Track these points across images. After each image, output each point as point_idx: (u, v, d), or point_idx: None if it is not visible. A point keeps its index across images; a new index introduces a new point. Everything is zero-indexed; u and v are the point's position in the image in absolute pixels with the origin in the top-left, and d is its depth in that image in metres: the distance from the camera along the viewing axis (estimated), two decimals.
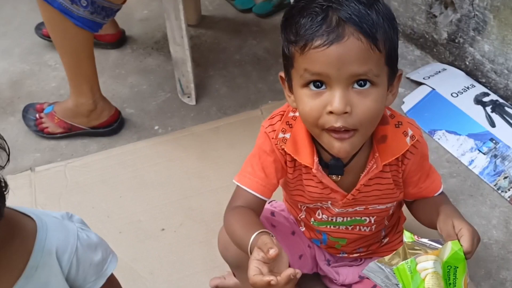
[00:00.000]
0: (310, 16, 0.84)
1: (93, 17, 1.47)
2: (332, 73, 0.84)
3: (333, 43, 0.82)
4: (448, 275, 0.89)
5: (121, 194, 1.52)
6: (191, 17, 2.02)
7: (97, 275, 0.97)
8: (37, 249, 0.89)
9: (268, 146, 1.04)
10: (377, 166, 0.99)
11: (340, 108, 0.85)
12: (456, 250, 0.88)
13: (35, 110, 1.71)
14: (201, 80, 1.82)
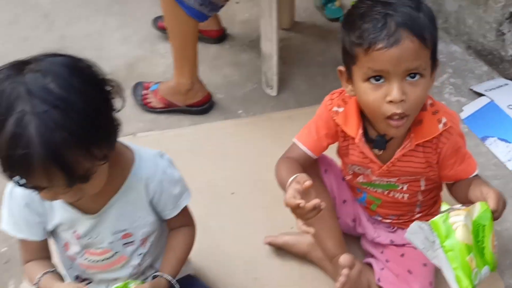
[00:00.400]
0: (372, 23, 1.06)
1: (200, 9, 1.75)
2: (391, 69, 1.06)
3: (392, 46, 1.03)
4: (477, 232, 1.03)
5: (203, 161, 1.79)
6: (285, 22, 2.28)
7: (173, 205, 1.20)
8: (132, 175, 1.13)
9: (325, 116, 1.28)
10: (411, 144, 1.19)
11: (398, 97, 1.06)
12: (484, 209, 1.04)
13: (143, 87, 2.04)
14: (284, 76, 2.06)
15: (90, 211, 1.13)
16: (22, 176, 0.91)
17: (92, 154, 0.93)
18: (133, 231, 1.17)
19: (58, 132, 0.87)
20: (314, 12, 2.39)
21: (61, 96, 0.88)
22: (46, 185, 0.93)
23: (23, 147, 0.86)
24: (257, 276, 1.47)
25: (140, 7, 2.57)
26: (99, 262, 1.20)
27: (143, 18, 2.46)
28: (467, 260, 1.01)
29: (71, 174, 0.91)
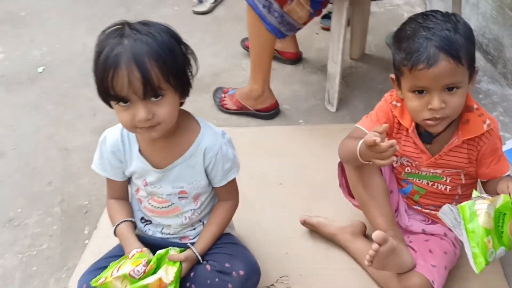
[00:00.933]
0: (415, 46, 1.27)
1: (279, 27, 2.06)
2: (431, 85, 1.29)
3: (431, 67, 1.25)
4: (498, 218, 1.25)
5: (260, 155, 2.07)
6: (356, 52, 2.56)
7: (222, 177, 1.45)
8: (196, 143, 1.39)
9: (385, 107, 1.49)
10: (458, 140, 1.39)
11: (438, 106, 1.29)
12: (506, 200, 1.26)
13: (222, 91, 2.38)
14: (345, 96, 2.32)
15: (158, 166, 1.40)
16: (110, 80, 1.18)
17: (167, 75, 1.21)
18: (188, 189, 1.44)
19: (144, 46, 1.19)
20: (384, 48, 2.64)
21: (152, 32, 1.22)
22: (125, 93, 1.19)
23: (116, 51, 1.18)
24: (288, 251, 1.69)
25: (232, 29, 2.96)
26: (158, 209, 1.48)
27: (233, 39, 2.84)
28: (485, 241, 1.23)
29: (147, 80, 1.18)
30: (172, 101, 1.26)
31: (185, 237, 1.53)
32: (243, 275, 1.40)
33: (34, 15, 3.39)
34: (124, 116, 1.25)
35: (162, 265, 1.39)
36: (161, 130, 1.29)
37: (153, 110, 1.23)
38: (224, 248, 1.48)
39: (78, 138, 2.32)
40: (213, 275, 1.41)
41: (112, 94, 1.21)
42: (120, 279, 1.32)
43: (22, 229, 1.89)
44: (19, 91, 2.68)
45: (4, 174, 2.15)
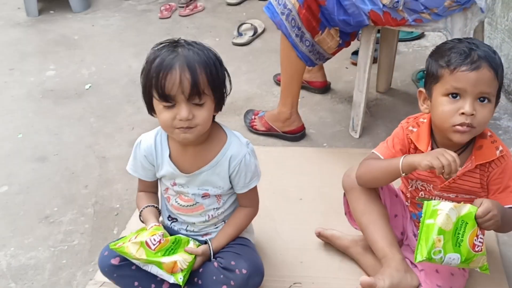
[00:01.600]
0: (459, 52, 1.37)
1: (309, 55, 2.21)
2: (469, 88, 1.36)
3: (473, 70, 1.34)
4: (460, 226, 1.31)
5: (283, 172, 2.18)
6: (382, 86, 2.68)
7: (244, 184, 1.57)
8: (222, 152, 1.53)
9: (401, 134, 1.56)
10: (472, 164, 1.45)
11: (470, 111, 1.36)
12: (471, 211, 1.31)
13: (253, 113, 2.52)
14: (369, 125, 2.42)
15: (186, 171, 1.54)
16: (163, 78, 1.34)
17: (210, 83, 1.38)
18: (212, 192, 1.57)
19: (196, 56, 1.37)
20: (409, 83, 2.75)
21: (202, 48, 1.41)
22: (174, 92, 1.35)
23: (172, 55, 1.37)
24: (302, 261, 1.78)
25: (268, 60, 3.13)
26: (184, 207, 1.60)
27: (267, 68, 3.01)
28: (434, 238, 1.29)
29: (195, 82, 1.34)
30: (210, 109, 1.42)
31: (207, 234, 1.65)
32: (246, 273, 1.49)
33: (86, 39, 3.66)
34: (166, 115, 1.40)
35: (178, 249, 1.50)
36: (196, 134, 1.43)
37: (194, 112, 1.39)
38: (233, 247, 1.58)
39: (115, 148, 2.48)
40: (218, 271, 1.51)
41: (160, 92, 1.36)
42: (136, 245, 1.44)
43: (57, 225, 2.04)
44: (66, 104, 2.89)
45: (45, 176, 2.32)
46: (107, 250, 1.54)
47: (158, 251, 1.46)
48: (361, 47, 2.24)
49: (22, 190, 2.24)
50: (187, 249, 1.53)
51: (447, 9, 1.92)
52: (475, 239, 1.32)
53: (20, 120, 2.76)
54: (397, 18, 1.98)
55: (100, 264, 1.56)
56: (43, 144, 2.54)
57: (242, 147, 1.54)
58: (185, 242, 1.54)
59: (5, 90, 3.06)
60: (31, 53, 3.49)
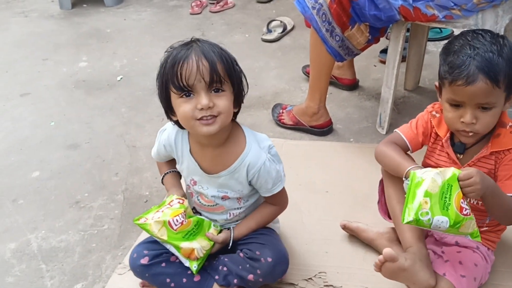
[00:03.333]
0: (458, 62, 1.36)
1: (339, 50, 2.23)
2: (466, 101, 1.39)
3: (468, 85, 1.34)
4: (446, 189, 1.32)
5: (310, 165, 2.20)
6: (409, 84, 2.68)
7: (266, 190, 1.55)
8: (240, 159, 1.49)
9: (425, 118, 1.59)
10: (487, 151, 1.47)
11: (469, 121, 1.39)
12: (455, 173, 1.33)
13: (281, 107, 2.54)
14: (396, 121, 2.43)
15: (206, 171, 1.53)
16: (179, 68, 1.32)
17: (228, 72, 1.37)
18: (231, 196, 1.57)
19: (210, 49, 1.37)
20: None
21: (216, 45, 1.40)
22: (192, 81, 1.32)
23: (186, 49, 1.36)
24: (328, 251, 1.79)
25: (296, 57, 3.16)
26: (205, 206, 1.62)
27: (296, 65, 3.03)
28: (421, 200, 1.31)
29: (213, 69, 1.33)
30: (229, 99, 1.40)
31: (228, 229, 1.64)
32: (271, 261, 1.51)
33: (118, 32, 3.74)
34: (186, 107, 1.36)
35: (199, 233, 1.53)
36: (220, 124, 1.39)
37: (214, 100, 1.36)
38: (257, 238, 1.59)
39: (146, 138, 2.53)
40: (244, 261, 1.53)
41: (177, 84, 1.34)
42: (159, 224, 1.46)
43: (87, 210, 2.09)
44: (98, 95, 2.96)
45: (76, 163, 2.38)
46: (135, 252, 1.57)
47: (180, 232, 1.48)
48: (390, 43, 2.25)
49: (54, 176, 2.30)
50: (208, 235, 1.55)
51: (476, 6, 1.92)
52: (462, 202, 1.33)
53: (53, 109, 2.83)
54: (427, 14, 1.99)
55: (131, 266, 1.58)
56: (75, 132, 2.61)
57: (261, 154, 1.50)
58: (206, 226, 1.56)
59: (39, 79, 3.15)
60: (64, 44, 3.58)
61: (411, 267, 1.45)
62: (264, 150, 1.51)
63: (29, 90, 3.04)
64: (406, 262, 1.45)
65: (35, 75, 3.20)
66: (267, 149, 1.51)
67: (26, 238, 1.96)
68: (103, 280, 1.77)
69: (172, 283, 1.56)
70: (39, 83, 3.11)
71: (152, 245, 1.58)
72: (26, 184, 2.26)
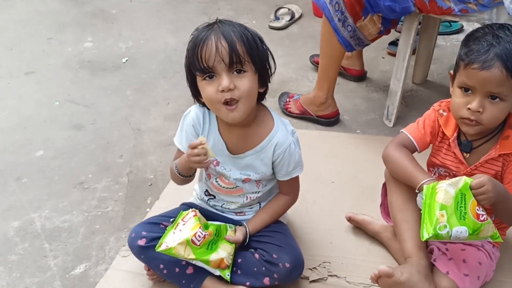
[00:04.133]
0: (478, 46, 1.34)
1: (350, 40, 2.21)
2: (477, 87, 1.36)
3: (483, 69, 1.32)
4: (460, 199, 1.32)
5: (316, 155, 2.19)
6: (418, 77, 2.68)
7: (286, 172, 1.56)
8: (268, 138, 1.50)
9: (432, 117, 1.56)
10: (495, 153, 1.45)
11: (475, 109, 1.36)
12: (467, 181, 1.32)
13: (288, 96, 2.53)
14: (403, 115, 2.42)
15: (231, 152, 1.53)
16: (199, 51, 1.33)
17: (249, 52, 1.35)
18: (253, 178, 1.56)
19: (231, 28, 1.36)
20: (446, 77, 2.74)
21: (239, 24, 1.39)
22: (212, 62, 1.32)
23: (207, 30, 1.35)
24: (332, 241, 1.80)
25: (304, 45, 3.14)
26: (224, 188, 1.60)
27: (303, 53, 3.02)
28: (437, 214, 1.31)
29: (233, 49, 1.32)
30: (252, 80, 1.38)
31: (241, 212, 1.66)
32: (289, 267, 1.50)
33: (124, 13, 3.70)
34: (209, 89, 1.37)
35: (220, 239, 1.52)
36: (243, 110, 1.38)
37: (235, 82, 1.35)
38: (273, 238, 1.58)
39: (151, 121, 2.52)
40: (260, 264, 1.52)
41: (199, 66, 1.34)
42: (183, 245, 1.44)
43: (91, 192, 2.08)
44: (103, 76, 2.94)
45: (81, 144, 2.37)
46: (134, 232, 1.56)
47: (203, 245, 1.47)
48: (402, 35, 2.24)
49: (58, 156, 2.29)
50: (228, 238, 1.54)
51: (493, 1, 1.91)
52: (478, 209, 1.32)
53: (57, 89, 2.81)
54: (443, 7, 1.97)
55: (129, 245, 1.58)
56: (79, 113, 2.60)
57: (288, 136, 1.51)
58: (223, 230, 1.55)
59: (43, 59, 3.12)
60: (69, 24, 3.54)
61: (407, 281, 1.45)
62: (289, 132, 1.53)
63: (34, 68, 3.01)
64: (402, 276, 1.45)
65: (40, 54, 3.17)
66: (291, 132, 1.53)
67: (30, 217, 1.96)
68: (106, 261, 1.77)
69: (165, 269, 1.55)
70: (44, 62, 3.09)
71: (151, 227, 1.57)
72: (30, 163, 2.25)
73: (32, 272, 1.74)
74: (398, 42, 2.82)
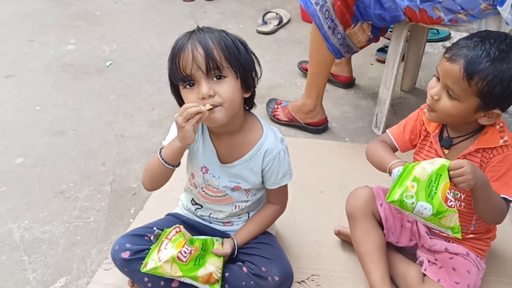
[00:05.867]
0: (460, 42, 1.35)
1: (340, 48, 2.17)
2: (440, 76, 1.37)
3: (448, 61, 1.34)
4: (434, 178, 1.31)
5: (304, 164, 2.16)
6: (406, 85, 2.65)
7: (275, 181, 1.53)
8: (257, 146, 1.47)
9: (414, 117, 1.58)
10: (473, 147, 1.44)
11: (432, 94, 1.38)
12: (444, 164, 1.31)
13: (276, 102, 2.49)
14: (392, 123, 2.33)
15: (222, 161, 1.49)
16: (177, 60, 1.31)
17: (229, 56, 1.32)
18: (243, 186, 1.52)
19: (210, 35, 1.33)
20: None
21: (220, 31, 1.36)
22: (189, 70, 1.29)
23: (186, 39, 1.33)
24: (321, 253, 1.76)
25: (292, 51, 3.11)
26: (212, 197, 1.56)
27: (291, 59, 2.98)
28: (408, 183, 1.31)
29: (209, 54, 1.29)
30: (233, 84, 1.34)
31: (229, 222, 1.62)
32: (278, 280, 1.46)
33: (108, 15, 3.64)
34: (190, 97, 1.34)
35: (207, 254, 1.48)
36: (224, 114, 1.34)
37: (215, 88, 1.32)
38: (262, 250, 1.54)
39: (135, 128, 2.46)
40: (248, 277, 1.47)
41: (178, 75, 1.32)
42: (169, 263, 1.39)
43: (72, 201, 2.02)
44: (85, 80, 2.87)
45: (62, 151, 2.30)
46: (118, 244, 1.50)
47: (190, 261, 1.43)
48: (391, 43, 2.21)
49: (38, 163, 2.22)
50: (215, 252, 1.50)
51: (483, 12, 1.88)
52: (448, 193, 1.32)
53: (39, 93, 2.74)
54: (432, 17, 1.95)
55: (112, 258, 1.52)
56: (61, 118, 2.53)
57: (278, 143, 1.49)
58: (210, 243, 1.51)
59: (24, 61, 3.04)
60: (51, 25, 3.47)
61: None
62: (279, 140, 1.50)
63: (14, 72, 2.93)
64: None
65: (20, 57, 3.09)
66: (280, 140, 1.51)
67: (8, 228, 1.89)
68: (88, 275, 1.71)
69: (150, 283, 1.49)
70: (24, 65, 3.01)
71: (136, 239, 1.52)
72: (9, 171, 2.18)
73: (10, 286, 1.67)
74: (386, 48, 2.80)
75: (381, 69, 2.85)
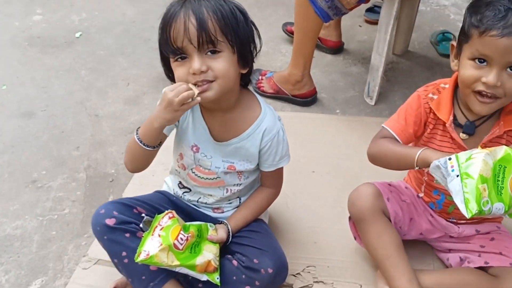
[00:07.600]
0: (494, 12, 1.15)
1: (328, 10, 1.99)
2: (495, 57, 1.17)
3: (504, 36, 1.13)
4: (498, 172, 1.14)
5: (293, 141, 1.93)
6: (399, 48, 2.49)
7: (272, 162, 1.42)
8: (255, 124, 1.36)
9: (415, 104, 1.37)
10: (499, 130, 1.28)
11: (492, 83, 1.18)
12: (507, 153, 1.14)
13: (260, 73, 2.32)
14: (385, 91, 2.25)
15: (216, 139, 1.37)
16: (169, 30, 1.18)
17: (224, 29, 1.18)
18: (237, 167, 1.40)
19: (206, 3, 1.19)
20: (428, 46, 2.57)
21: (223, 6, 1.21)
22: (181, 42, 1.17)
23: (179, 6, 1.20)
24: (316, 241, 1.64)
25: (274, 14, 2.91)
26: (202, 179, 1.43)
27: (275, 23, 2.79)
28: (480, 187, 1.11)
29: (202, 26, 1.16)
30: (229, 60, 1.22)
31: (218, 208, 1.51)
32: (272, 272, 1.34)
33: None
34: (180, 71, 1.22)
35: (202, 240, 1.37)
36: (217, 91, 1.23)
37: (209, 63, 1.20)
38: (253, 239, 1.43)
39: (109, 106, 2.29)
40: (239, 271, 1.36)
41: (170, 47, 1.20)
42: (165, 251, 1.27)
43: (45, 191, 1.87)
44: (54, 54, 2.67)
45: (32, 134, 2.13)
46: (104, 208, 1.36)
47: (186, 249, 1.31)
48: (384, 5, 2.04)
49: (6, 150, 2.05)
50: (210, 238, 1.38)
51: None
52: None
53: (4, 70, 2.54)
54: None
55: (94, 222, 1.37)
56: (29, 98, 2.34)
57: (276, 121, 1.39)
58: (205, 229, 1.39)
59: None
60: None
61: None
62: (277, 118, 1.40)
63: None
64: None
65: None
66: (278, 118, 1.41)
67: None
68: (65, 274, 1.58)
69: (126, 258, 1.35)
70: None
71: (124, 209, 1.38)
72: None
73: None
74: (376, 8, 2.62)
75: (370, 31, 2.68)
